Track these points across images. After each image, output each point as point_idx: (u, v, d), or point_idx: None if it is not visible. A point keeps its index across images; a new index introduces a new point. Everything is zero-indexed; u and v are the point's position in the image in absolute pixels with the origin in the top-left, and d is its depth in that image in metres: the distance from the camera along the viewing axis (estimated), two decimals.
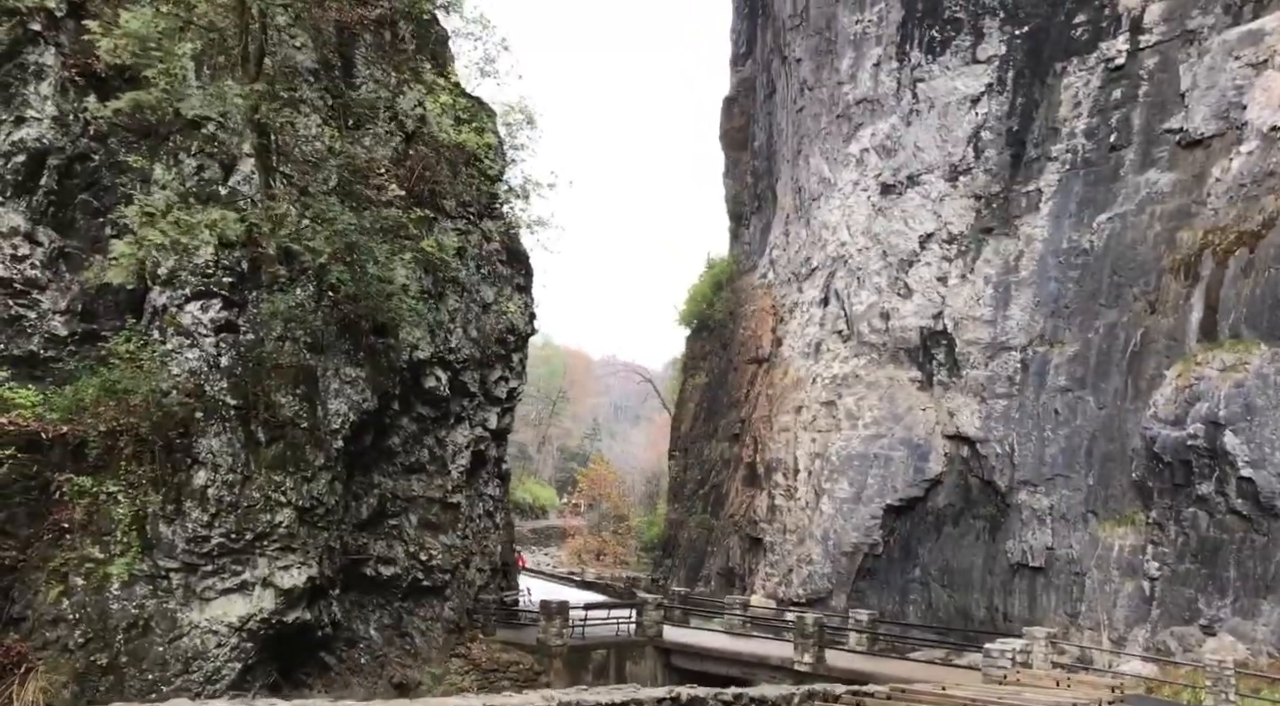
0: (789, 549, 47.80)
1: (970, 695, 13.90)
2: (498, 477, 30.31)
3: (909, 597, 43.36)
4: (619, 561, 62.51)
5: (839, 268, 49.49)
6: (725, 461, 55.34)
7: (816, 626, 25.33)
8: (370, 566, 24.73)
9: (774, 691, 11.35)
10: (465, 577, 27.34)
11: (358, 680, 22.40)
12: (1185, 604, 31.92)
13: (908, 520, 43.91)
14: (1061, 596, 37.56)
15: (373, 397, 23.29)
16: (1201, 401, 32.76)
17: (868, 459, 45.36)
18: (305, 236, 19.05)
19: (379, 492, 24.98)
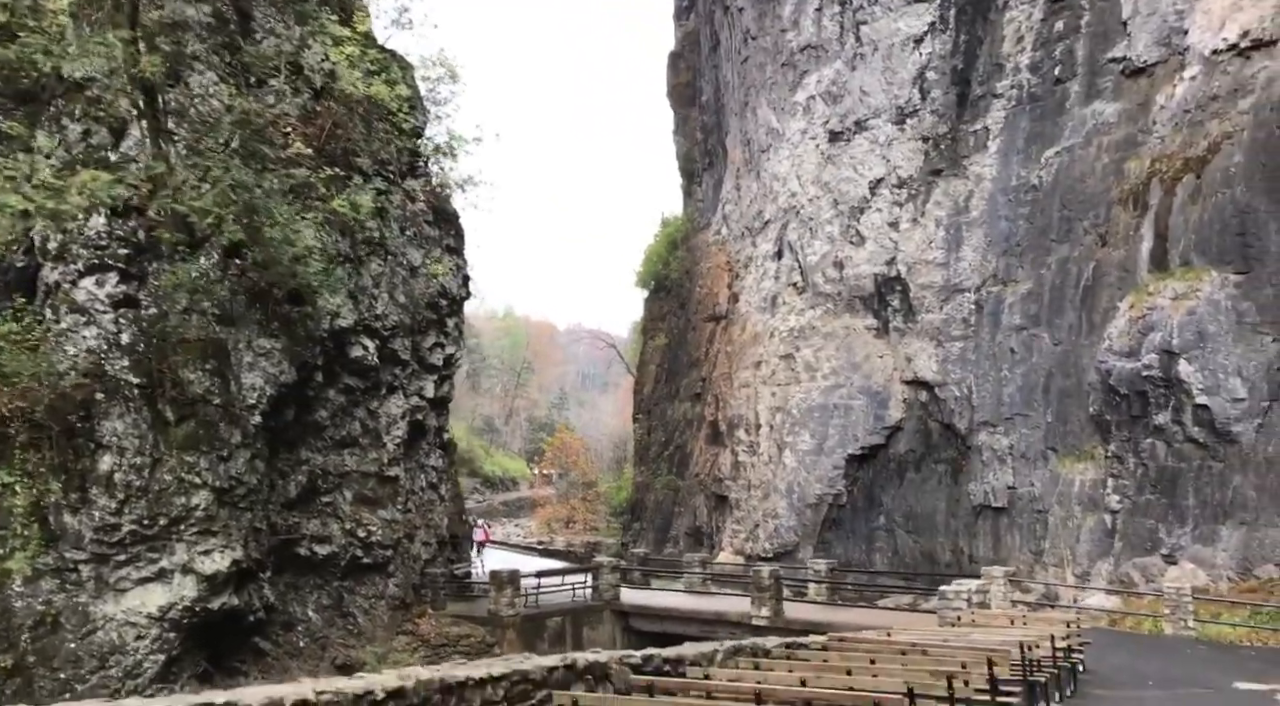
0: (754, 504, 47.21)
1: (913, 639, 13.02)
2: (440, 448, 29.15)
3: (875, 545, 42.95)
4: (589, 528, 61.73)
5: (791, 219, 48.56)
6: (688, 421, 54.53)
7: (772, 579, 24.53)
8: (304, 546, 23.57)
9: (693, 649, 10.43)
10: (410, 552, 26.26)
11: (298, 664, 21.34)
12: (1146, 535, 31.48)
13: (870, 468, 43.41)
14: (1025, 535, 37.17)
15: (290, 370, 22.01)
16: (1155, 332, 32.15)
17: (828, 410, 44.71)
18: (191, 197, 17.71)
19: (308, 469, 23.77)
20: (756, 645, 11.47)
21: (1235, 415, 29.30)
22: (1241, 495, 28.73)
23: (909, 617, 22.38)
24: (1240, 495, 28.76)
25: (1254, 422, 29.02)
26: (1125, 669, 18.19)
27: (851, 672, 9.87)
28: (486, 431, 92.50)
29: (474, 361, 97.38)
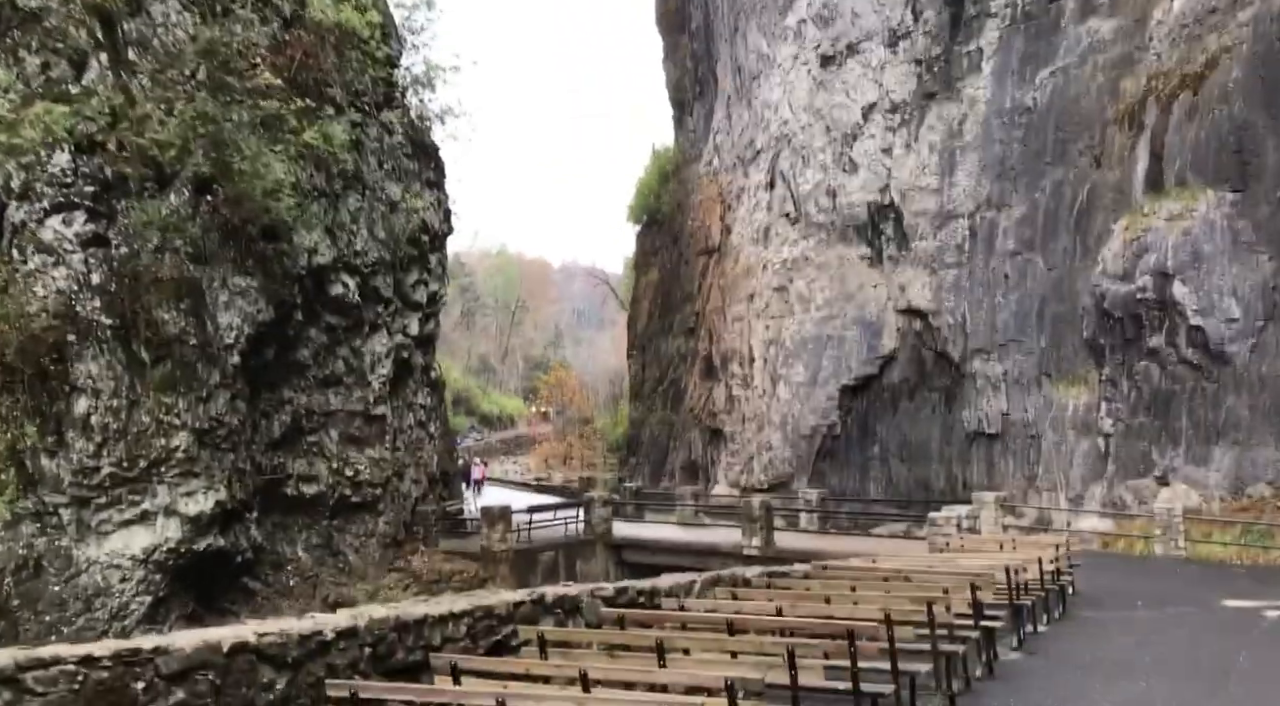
0: (749, 437, 47.14)
1: (898, 565, 12.83)
2: (428, 386, 28.85)
3: (869, 474, 42.94)
4: (586, 464, 61.82)
5: (783, 147, 47.73)
6: (682, 356, 54.27)
7: (763, 510, 24.45)
8: (291, 486, 23.40)
9: (670, 580, 10.22)
10: (399, 490, 26.13)
11: (289, 603, 21.32)
12: (1140, 457, 31.42)
13: (864, 398, 43.22)
14: (1019, 460, 37.17)
15: (268, 308, 21.60)
16: (1149, 253, 31.71)
17: (821, 341, 44.37)
18: (152, 129, 17.14)
19: (292, 409, 23.49)
20: (736, 575, 11.27)
21: (1229, 335, 29.01)
22: (1234, 415, 28.56)
23: (900, 545, 22.33)
24: (1233, 415, 28.59)
25: (1248, 343, 28.73)
26: (1115, 590, 18.11)
27: (830, 601, 9.65)
28: (483, 371, 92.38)
29: (468, 300, 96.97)
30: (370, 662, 6.91)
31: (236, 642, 6.18)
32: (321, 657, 6.66)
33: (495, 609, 7.95)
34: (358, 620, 7.11)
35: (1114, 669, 11.41)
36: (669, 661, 6.87)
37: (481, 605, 7.85)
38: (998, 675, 10.98)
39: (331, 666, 6.67)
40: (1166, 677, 10.91)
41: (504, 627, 7.93)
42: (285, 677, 6.39)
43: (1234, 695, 10.18)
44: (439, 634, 7.47)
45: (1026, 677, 10.87)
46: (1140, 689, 10.35)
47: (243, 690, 6.13)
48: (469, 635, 7.68)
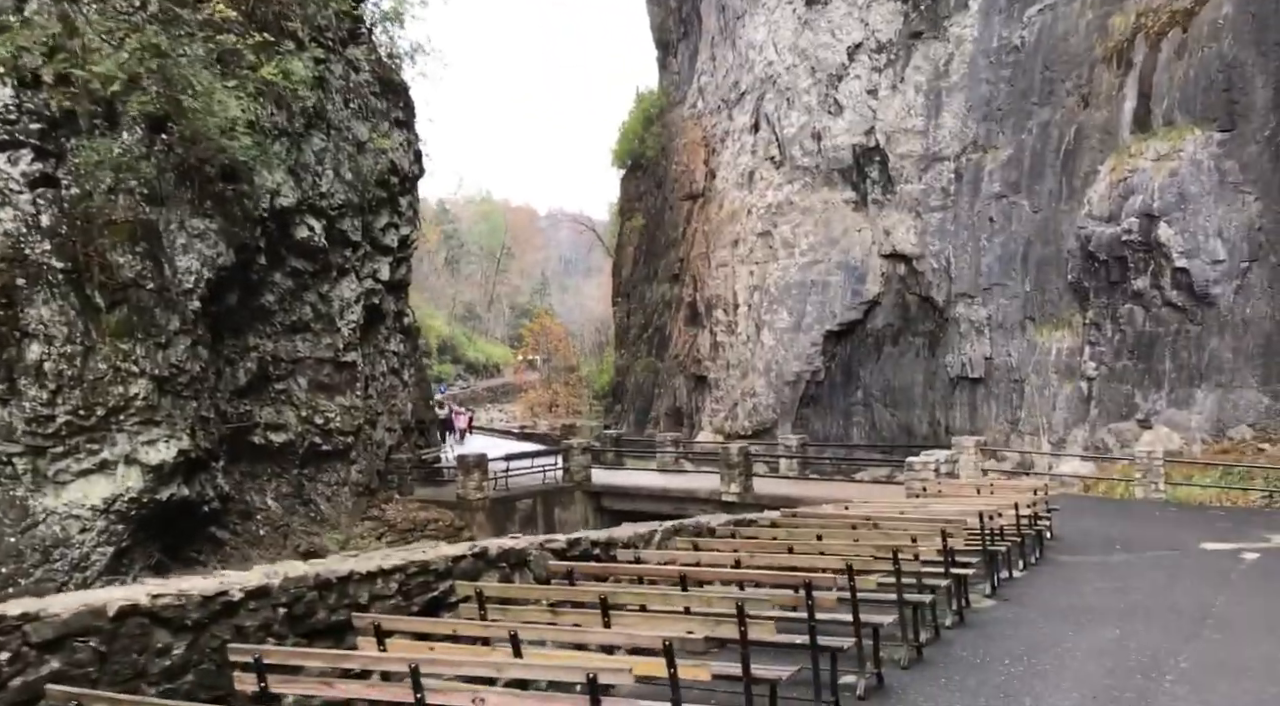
0: (733, 384, 46.81)
1: (869, 512, 12.39)
2: (401, 332, 28.13)
3: (852, 420, 42.73)
4: (572, 411, 61.41)
5: (768, 89, 46.77)
6: (667, 303, 53.66)
7: (741, 456, 24.04)
8: (259, 435, 22.82)
9: (628, 531, 9.73)
10: (372, 439, 25.58)
11: (258, 552, 20.87)
12: (1122, 400, 31.14)
13: (848, 344, 42.86)
14: (1002, 404, 36.95)
15: (229, 252, 20.83)
16: (1135, 194, 31.14)
17: (805, 286, 43.87)
18: (92, 61, 16.29)
19: (257, 356, 22.81)
20: (700, 524, 10.78)
21: (1214, 277, 28.57)
22: (1218, 358, 28.22)
23: (879, 490, 21.99)
24: (1216, 358, 28.25)
25: (1232, 284, 28.30)
26: (1094, 533, 17.80)
27: (794, 550, 9.17)
28: (468, 318, 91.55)
29: (453, 247, 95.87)
30: (287, 624, 6.36)
31: (125, 605, 5.64)
32: (228, 619, 6.11)
33: (431, 564, 7.41)
34: (271, 578, 6.60)
35: (1088, 615, 11.04)
36: (617, 618, 6.41)
37: (416, 560, 7.28)
38: (969, 623, 10.60)
39: (240, 628, 6.14)
40: (1142, 623, 10.55)
41: (441, 583, 7.39)
42: (184, 641, 5.87)
43: (1209, 640, 9.81)
44: (366, 592, 6.90)
45: (998, 625, 10.49)
46: (1114, 635, 9.97)
47: (133, 656, 5.61)
48: (401, 592, 7.14)
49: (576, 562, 8.08)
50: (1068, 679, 8.38)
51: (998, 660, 8.97)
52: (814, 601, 6.66)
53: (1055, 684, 8.21)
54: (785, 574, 7.90)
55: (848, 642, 7.26)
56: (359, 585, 6.77)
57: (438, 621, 6.23)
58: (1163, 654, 9.21)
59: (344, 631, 6.42)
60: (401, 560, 7.15)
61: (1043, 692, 7.97)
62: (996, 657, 9.04)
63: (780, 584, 7.62)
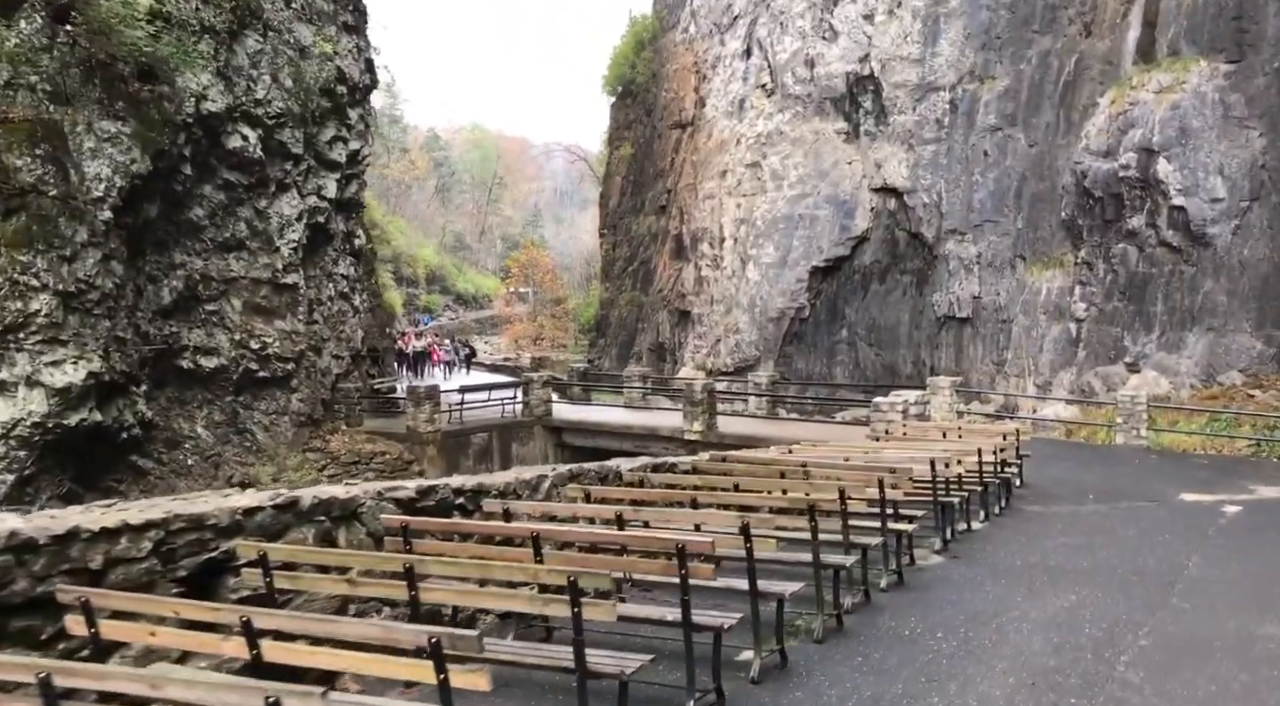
0: (716, 320, 45.55)
1: (807, 458, 11.15)
2: (352, 255, 26.62)
3: (836, 358, 41.55)
4: (557, 345, 60.15)
5: (761, 13, 44.74)
6: (653, 235, 52.09)
7: (705, 392, 22.83)
8: (187, 358, 21.49)
9: (506, 477, 8.46)
10: (316, 366, 24.27)
11: (186, 483, 19.75)
12: (1111, 343, 29.97)
13: (834, 281, 41.53)
14: (988, 345, 35.81)
15: (144, 158, 19.20)
16: (1135, 128, 29.59)
17: (793, 220, 42.37)
18: None
19: (184, 274, 21.37)
20: (606, 469, 9.55)
21: (1212, 216, 27.15)
22: (1211, 300, 26.92)
23: (850, 432, 20.78)
24: (1210, 300, 26.95)
25: (1231, 225, 26.89)
26: (1067, 481, 16.70)
27: (698, 503, 7.93)
28: (458, 248, 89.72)
29: (443, 176, 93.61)
30: None
31: None
32: None
33: (208, 518, 5.92)
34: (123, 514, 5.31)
35: (1046, 576, 9.89)
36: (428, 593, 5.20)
37: (184, 513, 5.75)
38: (909, 584, 9.44)
39: None
40: (1103, 588, 9.39)
41: (222, 541, 6.02)
42: None
43: (1176, 610, 8.65)
44: (101, 555, 5.44)
45: (941, 587, 9.32)
46: (1070, 602, 8.80)
47: None
48: (160, 555, 5.76)
49: (425, 517, 6.77)
50: (1006, 658, 7.20)
51: (930, 633, 7.80)
52: (688, 571, 5.43)
53: (990, 665, 7.04)
54: (670, 535, 6.62)
55: (729, 621, 6.03)
56: (88, 546, 5.38)
57: (157, 599, 4.80)
58: (1121, 627, 8.04)
59: (53, 608, 4.99)
60: (163, 513, 5.77)
61: (973, 676, 6.79)
62: (930, 629, 7.87)
63: (654, 550, 6.37)
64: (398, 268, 71.83)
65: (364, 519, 6.85)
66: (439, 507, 7.46)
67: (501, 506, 7.15)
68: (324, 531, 6.57)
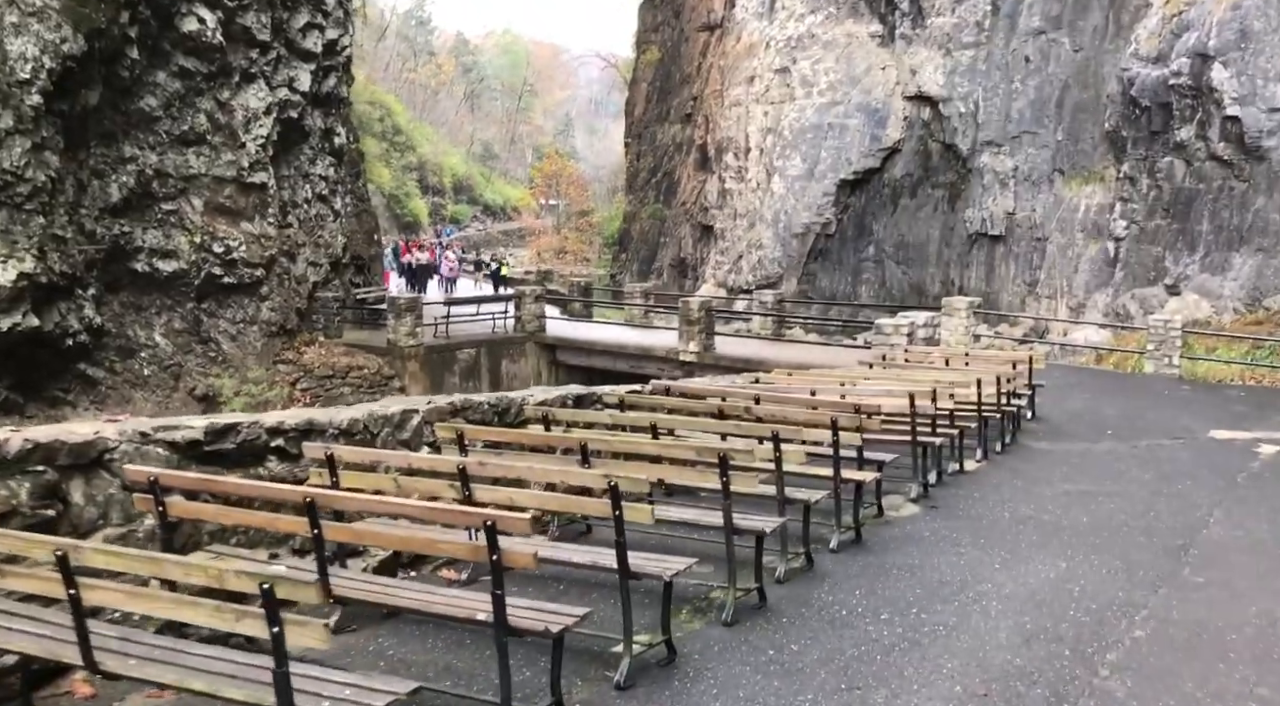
0: (739, 235, 43.65)
1: (773, 389, 9.58)
2: (332, 154, 24.87)
3: (862, 277, 39.69)
4: (580, 259, 58.35)
5: None
6: (677, 145, 49.81)
7: (703, 311, 21.20)
8: (142, 261, 20.09)
9: (401, 405, 6.94)
10: (290, 273, 22.82)
11: (143, 394, 18.61)
12: (1151, 264, 27.88)
13: (862, 195, 39.42)
14: (1020, 265, 33.81)
15: (77, 38, 17.46)
16: (1190, 31, 27.03)
17: (821, 130, 40.09)
18: None
19: (136, 169, 19.81)
20: (504, 399, 7.87)
21: (1269, 127, 24.73)
22: (1262, 218, 24.68)
23: (858, 355, 19.09)
24: (1261, 219, 24.71)
25: None
26: (1085, 415, 15.03)
27: (589, 454, 6.40)
28: (487, 157, 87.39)
29: (471, 82, 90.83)
30: None
31: None
32: None
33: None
34: None
35: (1035, 535, 8.33)
36: (90, 593, 3.78)
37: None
38: (867, 544, 7.91)
39: None
40: (1101, 552, 7.83)
41: None
42: None
43: (1185, 585, 7.04)
44: None
45: (903, 549, 7.78)
46: (1056, 572, 7.24)
47: None
48: None
49: (167, 471, 5.17)
50: (960, 654, 5.66)
51: (873, 613, 6.29)
52: (501, 554, 3.95)
53: (937, 664, 5.49)
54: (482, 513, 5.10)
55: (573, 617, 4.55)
56: None
57: None
58: (1115, 609, 6.49)
59: None
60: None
61: (910, 681, 5.25)
62: (874, 608, 6.35)
63: None
64: (423, 176, 70.13)
65: (114, 468, 5.38)
66: (241, 453, 5.98)
67: (325, 452, 5.66)
68: (46, 486, 5.10)
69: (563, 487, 6.40)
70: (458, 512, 4.73)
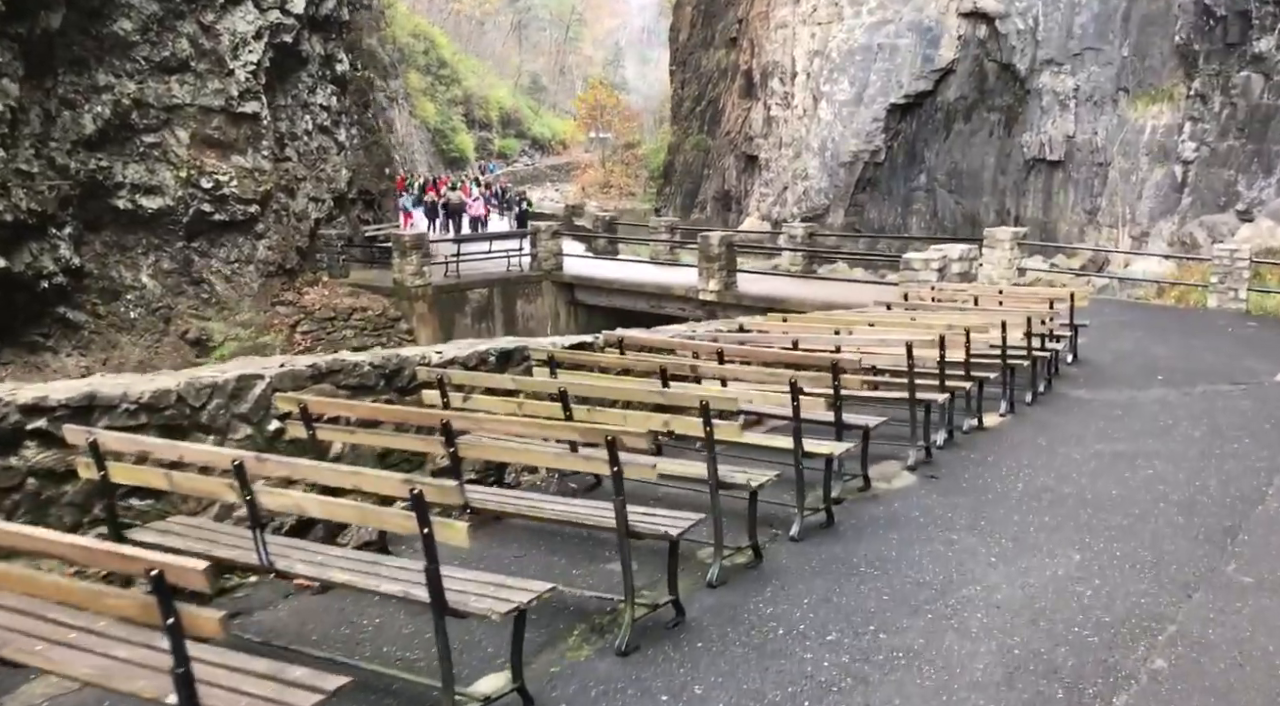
0: (784, 165, 41.67)
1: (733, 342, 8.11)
2: (334, 83, 23.45)
3: (912, 207, 37.65)
4: (625, 193, 56.57)
5: None
6: (722, 72, 47.56)
7: (723, 246, 19.63)
8: (124, 197, 19.04)
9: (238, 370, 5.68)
10: (290, 209, 21.66)
11: (130, 338, 17.74)
12: (1222, 188, 25.63)
13: (913, 120, 37.16)
14: (1080, 191, 31.67)
15: None
16: None
17: (871, 51, 37.81)
18: None
19: (112, 99, 18.66)
20: (401, 360, 6.49)
21: None
22: None
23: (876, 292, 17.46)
24: None
25: None
26: (1134, 357, 13.37)
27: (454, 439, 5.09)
28: (535, 90, 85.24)
29: (517, 10, 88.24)
30: None
31: None
32: None
33: None
34: None
35: (1049, 515, 6.85)
36: None
37: None
38: (840, 528, 6.49)
39: None
40: (1127, 539, 6.33)
41: None
42: None
43: (1227, 588, 5.51)
44: None
45: (881, 534, 6.33)
46: (1065, 569, 5.78)
47: None
48: None
49: None
50: (912, 701, 4.27)
51: (816, 632, 4.88)
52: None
53: None
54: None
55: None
56: None
57: None
58: (1133, 628, 5.02)
59: None
60: None
61: None
62: (819, 625, 4.93)
63: None
64: (469, 110, 68.59)
65: None
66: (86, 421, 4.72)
67: (89, 438, 4.38)
68: None
69: None
70: None
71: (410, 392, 6.51)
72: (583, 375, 6.74)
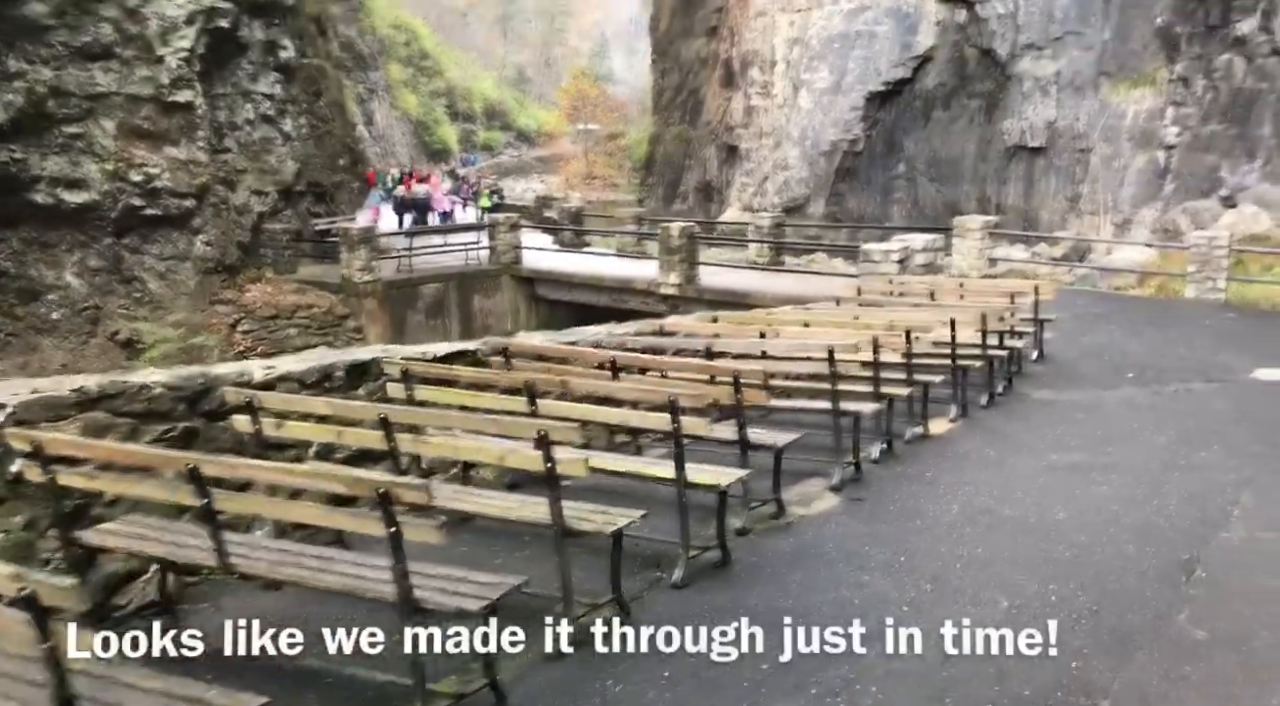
0: (764, 155, 40.85)
1: (640, 347, 7.18)
2: (277, 70, 22.40)
3: (892, 196, 36.84)
4: (608, 184, 55.55)
5: None
6: (702, 61, 46.52)
7: (684, 238, 18.71)
8: (43, 192, 18.05)
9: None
10: (230, 203, 20.65)
11: (53, 341, 16.80)
12: (1205, 173, 24.81)
13: (892, 108, 36.31)
14: (1062, 179, 30.91)
15: None
16: None
17: (849, 38, 36.93)
18: None
19: (26, 86, 17.66)
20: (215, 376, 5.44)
21: None
22: None
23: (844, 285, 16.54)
24: None
25: None
26: (1105, 352, 12.49)
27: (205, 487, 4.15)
28: (520, 82, 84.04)
29: (501, 2, 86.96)
30: None
31: None
32: None
33: None
34: None
35: (981, 548, 5.91)
36: None
37: None
38: (735, 570, 5.53)
39: None
40: (1065, 579, 5.37)
41: None
42: None
43: (1174, 649, 4.57)
44: None
45: (771, 582, 5.38)
46: (976, 633, 4.83)
47: None
48: None
49: None
50: None
51: None
52: None
53: None
54: None
55: None
56: None
57: None
58: None
59: None
60: None
61: None
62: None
63: None
64: (453, 102, 67.55)
65: None
66: None
67: None
68: None
69: None
70: None
71: (222, 418, 5.54)
72: (443, 392, 5.80)
